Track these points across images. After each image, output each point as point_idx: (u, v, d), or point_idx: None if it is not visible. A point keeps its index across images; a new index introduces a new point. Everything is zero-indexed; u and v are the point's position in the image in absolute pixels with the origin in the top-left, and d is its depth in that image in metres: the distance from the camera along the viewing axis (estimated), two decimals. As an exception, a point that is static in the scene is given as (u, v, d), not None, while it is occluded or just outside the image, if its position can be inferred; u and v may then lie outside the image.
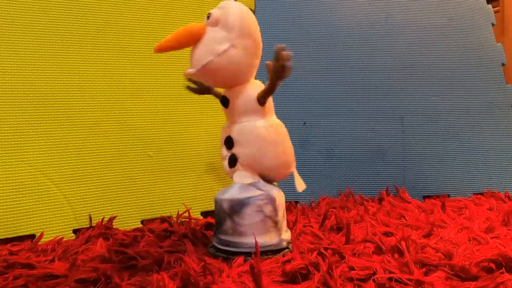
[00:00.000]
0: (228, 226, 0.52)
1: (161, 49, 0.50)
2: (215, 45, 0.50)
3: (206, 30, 0.51)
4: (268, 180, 0.54)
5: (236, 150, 0.53)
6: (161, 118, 0.77)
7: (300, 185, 0.55)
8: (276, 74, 0.49)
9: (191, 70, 0.51)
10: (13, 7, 0.68)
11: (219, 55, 0.49)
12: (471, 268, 0.43)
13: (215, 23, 0.51)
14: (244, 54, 0.51)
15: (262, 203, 0.51)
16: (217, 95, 0.59)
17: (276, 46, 0.47)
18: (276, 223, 0.52)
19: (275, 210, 0.52)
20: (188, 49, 0.52)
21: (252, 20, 0.52)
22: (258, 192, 0.52)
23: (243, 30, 0.50)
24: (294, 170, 0.55)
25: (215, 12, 0.51)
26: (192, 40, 0.51)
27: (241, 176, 0.53)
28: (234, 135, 0.53)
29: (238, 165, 0.53)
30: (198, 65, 0.50)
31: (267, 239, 0.51)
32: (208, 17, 0.52)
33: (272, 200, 0.52)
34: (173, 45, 0.50)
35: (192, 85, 0.59)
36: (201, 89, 0.59)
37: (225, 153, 0.55)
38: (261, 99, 0.52)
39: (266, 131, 0.52)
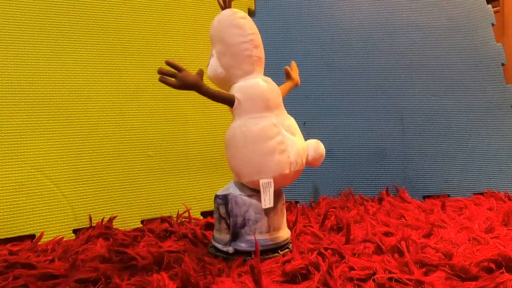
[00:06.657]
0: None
1: None
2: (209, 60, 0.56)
3: None
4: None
5: None
6: (161, 118, 0.77)
7: (266, 201, 0.49)
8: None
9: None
10: (13, 7, 0.68)
11: (208, 68, 0.56)
12: (471, 268, 0.43)
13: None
14: (218, 58, 0.54)
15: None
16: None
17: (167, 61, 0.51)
18: None
19: None
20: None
21: (221, 26, 0.54)
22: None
23: (213, 39, 0.55)
24: (262, 181, 0.49)
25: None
26: None
27: None
28: None
29: None
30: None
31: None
32: None
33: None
34: None
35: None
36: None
37: None
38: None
39: (232, 133, 0.52)
